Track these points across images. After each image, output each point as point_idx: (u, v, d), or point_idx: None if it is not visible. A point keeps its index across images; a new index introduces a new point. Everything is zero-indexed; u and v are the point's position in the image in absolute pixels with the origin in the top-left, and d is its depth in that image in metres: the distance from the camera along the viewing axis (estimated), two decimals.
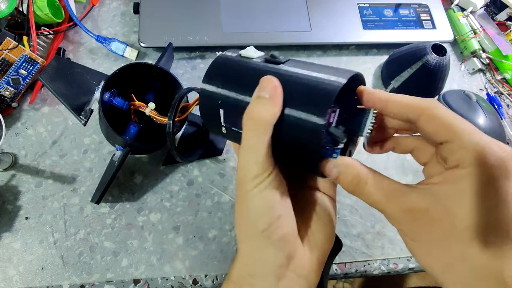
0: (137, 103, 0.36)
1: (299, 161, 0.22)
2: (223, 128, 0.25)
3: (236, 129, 0.24)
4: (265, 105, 0.21)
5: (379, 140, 0.25)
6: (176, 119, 0.32)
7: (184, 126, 0.39)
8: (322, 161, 0.21)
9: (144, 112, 0.36)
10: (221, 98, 0.23)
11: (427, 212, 0.19)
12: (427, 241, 0.20)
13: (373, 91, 0.23)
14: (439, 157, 0.21)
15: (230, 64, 0.24)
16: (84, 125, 0.36)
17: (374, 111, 0.22)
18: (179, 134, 0.39)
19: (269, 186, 0.21)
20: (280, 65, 0.23)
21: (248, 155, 0.21)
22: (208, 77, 0.24)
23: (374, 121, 0.22)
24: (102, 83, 0.37)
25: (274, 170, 0.22)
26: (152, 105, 0.35)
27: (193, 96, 0.37)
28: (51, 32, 0.44)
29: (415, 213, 0.19)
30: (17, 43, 0.39)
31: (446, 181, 0.19)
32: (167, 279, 0.36)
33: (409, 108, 0.21)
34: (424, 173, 0.23)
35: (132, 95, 0.36)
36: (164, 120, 0.34)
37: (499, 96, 0.51)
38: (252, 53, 0.24)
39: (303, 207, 0.25)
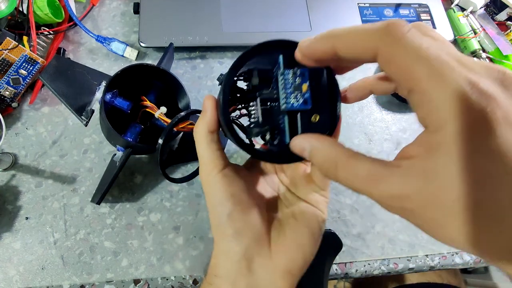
0: (149, 103, 0.36)
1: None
2: None
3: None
4: (200, 119, 0.25)
5: (354, 88, 0.22)
6: (178, 128, 0.32)
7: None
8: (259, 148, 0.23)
9: (148, 113, 0.36)
10: None
11: (409, 199, 0.15)
12: (423, 224, 0.16)
13: (311, 40, 0.19)
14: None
15: None
16: (86, 125, 0.36)
17: (284, 74, 0.20)
18: (180, 135, 0.39)
19: (219, 182, 0.24)
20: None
21: (200, 159, 0.25)
22: None
23: (298, 81, 0.20)
24: (104, 83, 0.37)
25: (225, 170, 0.24)
26: (163, 109, 0.35)
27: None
28: (51, 32, 0.44)
29: (400, 200, 0.16)
30: (17, 43, 0.39)
31: (421, 154, 0.15)
32: (167, 279, 0.36)
33: (362, 47, 0.16)
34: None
35: (144, 97, 0.36)
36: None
37: None
38: None
39: (285, 214, 0.26)
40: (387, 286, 0.59)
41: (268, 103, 0.21)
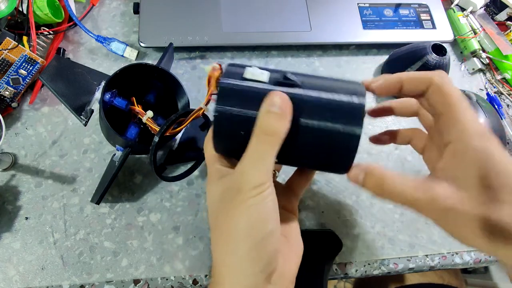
0: (136, 109, 0.36)
1: (330, 164, 0.25)
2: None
3: None
4: (278, 120, 0.21)
5: (381, 135, 0.31)
6: (167, 133, 0.32)
7: (182, 132, 0.38)
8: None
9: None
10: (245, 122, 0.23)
11: (444, 200, 0.21)
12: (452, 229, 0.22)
13: (384, 79, 0.25)
14: (435, 134, 0.25)
15: (244, 96, 0.23)
16: (85, 125, 0.36)
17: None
18: (180, 134, 0.39)
19: (269, 196, 0.21)
20: (297, 88, 0.23)
21: (256, 163, 0.21)
22: (222, 102, 0.24)
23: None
24: (103, 83, 0.37)
25: (272, 183, 0.22)
26: (150, 113, 0.35)
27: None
28: (51, 32, 0.44)
29: (438, 202, 0.21)
30: (17, 43, 0.39)
31: (448, 165, 0.22)
32: (167, 279, 0.36)
33: (422, 80, 0.24)
34: (424, 161, 0.28)
35: (133, 99, 0.36)
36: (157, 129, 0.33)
37: (499, 96, 0.51)
38: (259, 76, 0.23)
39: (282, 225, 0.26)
40: (387, 287, 0.59)
41: None
